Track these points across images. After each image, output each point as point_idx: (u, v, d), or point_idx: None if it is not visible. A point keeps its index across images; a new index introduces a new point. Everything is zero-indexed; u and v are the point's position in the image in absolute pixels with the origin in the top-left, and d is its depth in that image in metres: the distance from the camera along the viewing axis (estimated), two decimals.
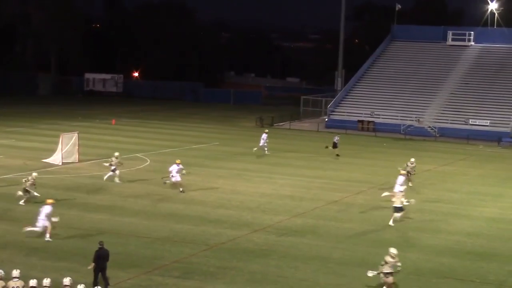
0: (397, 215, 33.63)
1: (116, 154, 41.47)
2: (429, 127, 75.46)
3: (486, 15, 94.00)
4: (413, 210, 35.68)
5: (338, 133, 60.19)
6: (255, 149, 54.32)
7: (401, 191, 35.47)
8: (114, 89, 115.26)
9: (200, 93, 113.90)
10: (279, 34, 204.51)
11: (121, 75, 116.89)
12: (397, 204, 33.61)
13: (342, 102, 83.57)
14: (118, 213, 33.42)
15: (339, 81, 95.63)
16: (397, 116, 78.00)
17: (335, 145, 55.58)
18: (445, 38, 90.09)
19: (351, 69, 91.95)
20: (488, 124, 74.97)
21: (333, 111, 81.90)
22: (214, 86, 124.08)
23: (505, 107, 76.95)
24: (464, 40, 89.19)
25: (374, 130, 75.51)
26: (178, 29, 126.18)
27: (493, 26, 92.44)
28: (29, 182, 34.57)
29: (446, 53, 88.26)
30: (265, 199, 38.00)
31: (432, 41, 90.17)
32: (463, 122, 75.54)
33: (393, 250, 23.50)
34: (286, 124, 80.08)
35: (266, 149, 54.67)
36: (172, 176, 38.57)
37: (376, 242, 30.06)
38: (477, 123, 75.18)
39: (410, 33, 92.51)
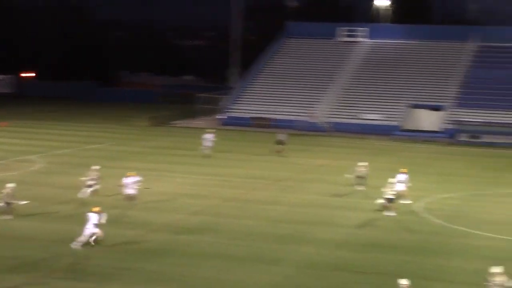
0: (383, 202, 35.38)
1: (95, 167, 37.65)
2: (323, 122, 76.90)
3: (375, 11, 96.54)
4: (305, 204, 36.38)
5: (283, 132, 60.06)
6: (206, 151, 53.69)
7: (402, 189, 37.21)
8: (7, 90, 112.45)
9: (96, 92, 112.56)
10: (174, 33, 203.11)
11: (14, 76, 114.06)
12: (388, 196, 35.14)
13: (239, 99, 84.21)
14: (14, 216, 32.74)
15: (234, 79, 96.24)
16: (291, 112, 79.21)
17: (280, 142, 56.08)
18: (336, 35, 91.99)
19: (248, 67, 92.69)
20: (379, 118, 77.08)
21: (230, 108, 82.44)
22: (110, 85, 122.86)
23: (395, 101, 79.24)
24: (355, 36, 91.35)
25: (270, 126, 76.40)
26: (73, 28, 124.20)
27: (385, 22, 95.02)
28: (5, 193, 32.19)
29: (338, 49, 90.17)
30: (163, 198, 37.99)
31: (325, 38, 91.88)
32: (355, 117, 77.43)
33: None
34: (181, 123, 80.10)
35: (206, 149, 53.57)
36: (127, 189, 34.83)
37: (274, 238, 30.52)
38: (369, 118, 77.19)
39: (303, 30, 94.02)
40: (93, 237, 28.03)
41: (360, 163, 41.10)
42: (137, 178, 35.26)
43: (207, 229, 32.00)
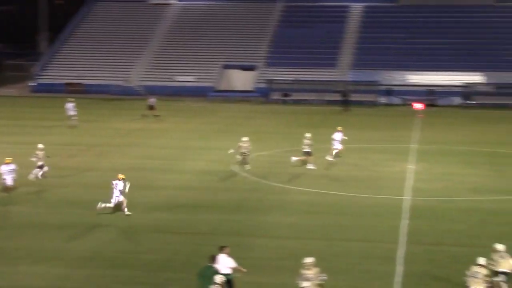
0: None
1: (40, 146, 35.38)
2: (137, 86, 76.40)
3: None
4: (124, 169, 36.29)
5: (153, 96, 59.86)
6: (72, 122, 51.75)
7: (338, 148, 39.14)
8: None
9: None
10: None
11: None
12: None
13: (49, 65, 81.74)
14: None
15: (44, 45, 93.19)
16: (106, 76, 78.00)
17: (151, 107, 56.62)
18: None
19: (58, 32, 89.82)
20: (193, 80, 77.58)
21: (40, 75, 79.88)
22: None
23: (208, 62, 79.89)
24: None
25: (84, 92, 74.83)
26: None
27: None
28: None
29: (149, 12, 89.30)
30: None
31: (135, 1, 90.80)
32: (170, 80, 77.50)
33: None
34: None
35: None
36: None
37: (92, 205, 30.08)
38: (182, 80, 77.50)
39: None
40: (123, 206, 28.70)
41: (243, 139, 38.14)
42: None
43: (25, 200, 31.18)
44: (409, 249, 25.18)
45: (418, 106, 60.98)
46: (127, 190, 29.17)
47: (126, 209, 28.86)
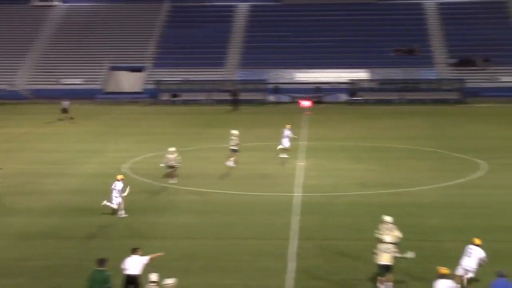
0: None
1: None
2: (23, 89, 74.54)
3: None
4: (11, 174, 35.38)
5: (67, 100, 58.59)
6: None
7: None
8: None
9: None
10: None
11: None
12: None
13: None
14: None
15: None
16: None
17: (65, 111, 56.21)
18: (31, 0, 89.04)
19: None
20: (80, 82, 76.34)
21: None
22: None
23: (95, 64, 78.84)
24: (49, 0, 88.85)
25: None
26: None
27: None
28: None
29: (32, 14, 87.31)
30: None
31: (17, 3, 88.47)
32: (57, 82, 75.99)
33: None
34: None
35: None
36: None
37: None
38: (70, 82, 76.13)
39: None
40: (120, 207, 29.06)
41: (170, 149, 35.68)
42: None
43: None
44: (300, 245, 25.60)
45: (305, 103, 62.15)
46: (126, 192, 29.25)
47: (123, 212, 28.97)
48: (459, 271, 21.18)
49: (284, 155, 40.43)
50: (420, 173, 36.65)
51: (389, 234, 22.26)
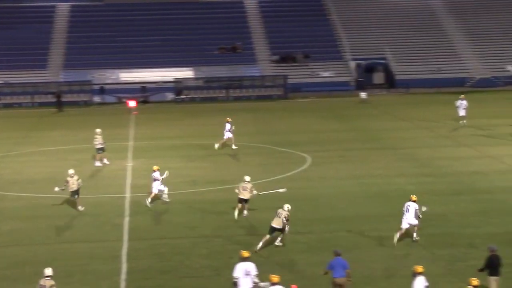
0: None
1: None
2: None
3: None
4: None
5: None
6: None
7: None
8: None
9: None
10: None
11: None
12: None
13: None
14: None
15: None
16: None
17: None
18: None
19: None
20: None
21: None
22: None
23: None
24: None
25: None
26: None
27: None
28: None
29: None
30: None
31: None
32: None
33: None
34: None
35: None
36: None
37: None
38: None
39: None
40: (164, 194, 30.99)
41: (69, 172, 32.69)
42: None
43: None
44: (132, 245, 25.53)
45: (131, 103, 61.81)
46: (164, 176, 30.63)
47: (166, 196, 31.06)
48: (404, 225, 24.90)
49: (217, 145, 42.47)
50: (249, 169, 37.41)
51: (247, 192, 28.46)
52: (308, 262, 23.22)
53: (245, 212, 28.58)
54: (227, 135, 42.72)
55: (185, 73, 74.35)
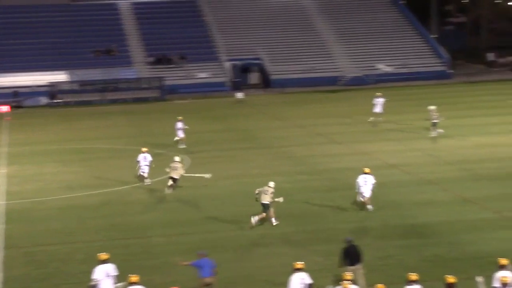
0: None
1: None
2: None
3: None
4: None
5: None
6: None
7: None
8: None
9: None
10: None
11: None
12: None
13: None
14: None
15: None
16: None
17: None
18: None
19: None
20: None
21: None
22: None
23: None
24: None
25: None
26: None
27: None
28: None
29: None
30: None
31: None
32: None
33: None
34: None
35: None
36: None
37: None
38: None
39: None
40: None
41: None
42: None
43: None
44: (8, 254, 24.96)
45: (3, 108, 60.17)
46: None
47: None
48: (360, 197, 28.38)
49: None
50: (126, 172, 37.19)
51: (176, 171, 31.93)
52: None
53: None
54: (180, 133, 43.39)
55: (59, 76, 72.77)
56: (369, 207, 28.49)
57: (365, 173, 28.54)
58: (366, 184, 28.28)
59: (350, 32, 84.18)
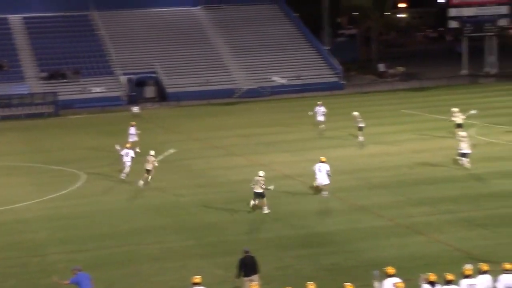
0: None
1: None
2: None
3: None
4: None
5: None
6: None
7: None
8: None
9: None
10: None
11: None
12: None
13: None
14: None
15: None
16: None
17: None
18: None
19: None
20: None
21: None
22: None
23: None
24: None
25: None
26: None
27: None
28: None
29: None
30: None
31: None
32: None
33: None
34: None
35: None
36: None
37: None
38: None
39: None
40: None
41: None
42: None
43: None
44: None
45: None
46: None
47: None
48: (316, 183, 32.15)
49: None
50: (21, 189, 36.43)
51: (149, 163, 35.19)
52: None
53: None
54: (132, 138, 44.74)
55: None
56: (324, 193, 32.03)
57: (321, 162, 32.07)
58: (320, 171, 31.87)
59: (245, 45, 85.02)
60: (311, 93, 74.48)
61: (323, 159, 32.20)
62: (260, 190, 29.88)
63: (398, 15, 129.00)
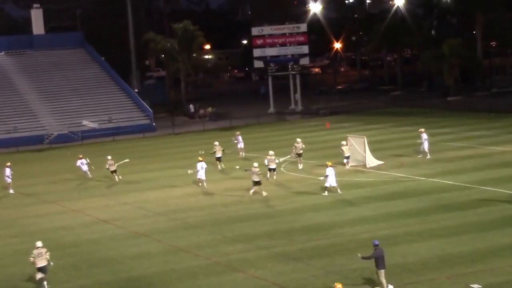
0: None
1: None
2: None
3: None
4: None
5: None
6: None
7: None
8: None
9: None
10: None
11: None
12: None
13: None
14: None
15: None
16: None
17: None
18: None
19: None
20: None
21: None
22: None
23: None
24: None
25: None
26: None
27: None
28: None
29: None
30: None
31: None
32: None
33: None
34: None
35: None
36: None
37: None
38: None
39: None
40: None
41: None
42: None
43: None
44: None
45: None
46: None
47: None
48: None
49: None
50: None
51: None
52: None
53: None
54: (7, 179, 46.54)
55: None
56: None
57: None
58: (203, 168, 41.07)
59: (53, 90, 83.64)
60: (124, 136, 74.29)
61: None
62: (259, 179, 38.77)
63: (205, 56, 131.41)
